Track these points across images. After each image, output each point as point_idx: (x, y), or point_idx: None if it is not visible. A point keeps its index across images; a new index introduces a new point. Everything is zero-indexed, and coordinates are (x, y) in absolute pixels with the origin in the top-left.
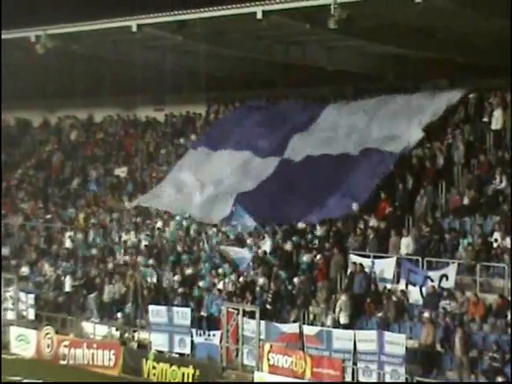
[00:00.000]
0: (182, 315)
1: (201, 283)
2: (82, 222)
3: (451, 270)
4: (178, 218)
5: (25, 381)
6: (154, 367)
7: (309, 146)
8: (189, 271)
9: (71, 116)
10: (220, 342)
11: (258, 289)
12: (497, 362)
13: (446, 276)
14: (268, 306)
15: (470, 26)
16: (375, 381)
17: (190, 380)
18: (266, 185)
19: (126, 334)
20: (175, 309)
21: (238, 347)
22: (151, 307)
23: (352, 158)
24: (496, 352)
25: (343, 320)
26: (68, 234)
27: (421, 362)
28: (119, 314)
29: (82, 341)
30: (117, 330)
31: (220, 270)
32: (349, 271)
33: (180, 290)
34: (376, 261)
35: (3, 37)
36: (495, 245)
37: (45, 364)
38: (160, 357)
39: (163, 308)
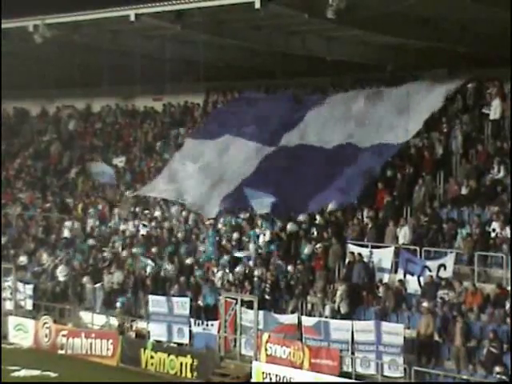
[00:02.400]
0: (181, 305)
1: (199, 273)
2: (80, 212)
3: (449, 260)
4: (176, 207)
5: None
6: (151, 357)
7: (307, 135)
8: (187, 261)
9: (69, 106)
10: (218, 331)
11: (256, 279)
12: (495, 352)
13: (444, 266)
14: (266, 296)
15: (470, 15)
16: (373, 371)
17: (188, 369)
18: (265, 174)
19: (124, 324)
20: (174, 299)
21: (236, 337)
22: (151, 297)
23: (351, 149)
24: (494, 342)
25: (344, 309)
26: (66, 223)
27: (419, 352)
28: (118, 304)
29: (80, 330)
30: (115, 316)
31: (219, 260)
32: (347, 261)
33: (178, 279)
34: (374, 250)
35: (2, 26)
36: (493, 235)
37: (43, 354)
38: (158, 346)
39: (162, 298)
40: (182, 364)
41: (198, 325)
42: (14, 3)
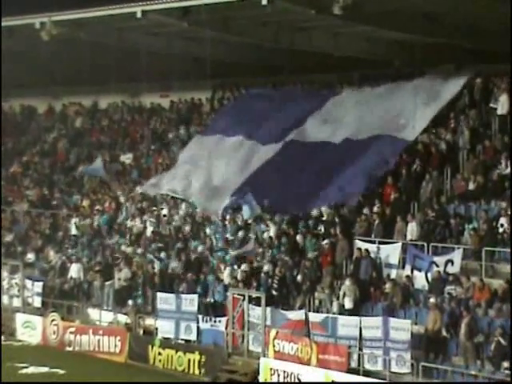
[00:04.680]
0: (189, 302)
1: (206, 270)
2: (87, 209)
3: (456, 256)
4: (183, 204)
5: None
6: (159, 353)
7: (315, 131)
8: (194, 258)
9: (76, 103)
10: (226, 328)
11: (263, 275)
12: (502, 347)
13: (451, 261)
14: (274, 292)
15: (477, 10)
16: (381, 367)
17: (196, 366)
18: (272, 170)
19: (132, 321)
20: (182, 296)
21: (244, 333)
22: (159, 294)
23: (360, 145)
24: (501, 337)
25: (348, 305)
26: (74, 220)
27: (426, 348)
28: (130, 302)
29: (87, 327)
30: (125, 314)
31: (227, 256)
32: (354, 257)
33: (186, 276)
34: (381, 246)
35: (8, 23)
36: (501, 230)
37: (51, 350)
38: (166, 343)
39: (170, 295)
40: (189, 360)
41: (206, 321)
42: (20, 1)
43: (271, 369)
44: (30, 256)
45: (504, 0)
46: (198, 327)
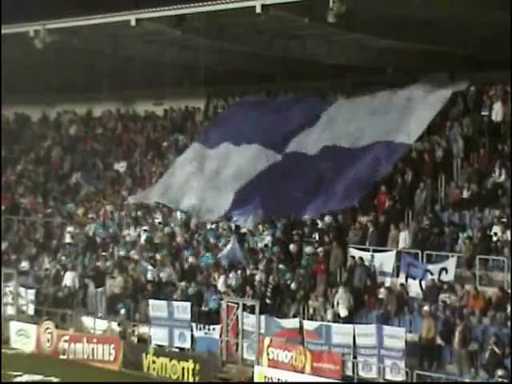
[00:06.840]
0: (183, 309)
1: (200, 278)
2: (81, 217)
3: (451, 264)
4: (177, 212)
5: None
6: (153, 361)
7: (309, 139)
8: (188, 266)
9: (70, 111)
10: (220, 336)
11: (257, 283)
12: (496, 355)
13: (445, 269)
14: (268, 301)
15: (471, 18)
16: (375, 375)
17: (190, 374)
18: (266, 178)
19: (124, 329)
20: (175, 303)
21: (238, 341)
22: (151, 301)
23: (356, 152)
24: (496, 345)
25: (342, 313)
26: (68, 228)
27: (421, 356)
28: (122, 311)
29: (81, 335)
30: (119, 325)
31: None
32: (348, 265)
33: (180, 284)
34: (375, 254)
35: (2, 31)
36: (495, 238)
37: (45, 359)
38: (160, 351)
39: (163, 302)
40: (183, 368)
41: (200, 329)
42: (14, 9)
43: (265, 377)
44: (24, 264)
45: (499, 7)
46: (192, 335)
